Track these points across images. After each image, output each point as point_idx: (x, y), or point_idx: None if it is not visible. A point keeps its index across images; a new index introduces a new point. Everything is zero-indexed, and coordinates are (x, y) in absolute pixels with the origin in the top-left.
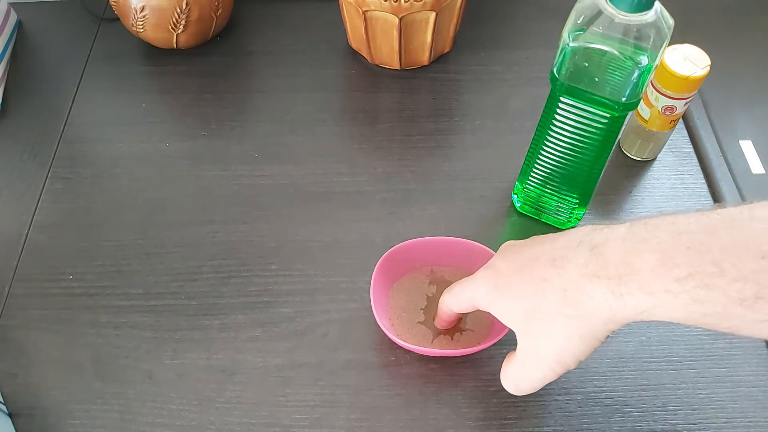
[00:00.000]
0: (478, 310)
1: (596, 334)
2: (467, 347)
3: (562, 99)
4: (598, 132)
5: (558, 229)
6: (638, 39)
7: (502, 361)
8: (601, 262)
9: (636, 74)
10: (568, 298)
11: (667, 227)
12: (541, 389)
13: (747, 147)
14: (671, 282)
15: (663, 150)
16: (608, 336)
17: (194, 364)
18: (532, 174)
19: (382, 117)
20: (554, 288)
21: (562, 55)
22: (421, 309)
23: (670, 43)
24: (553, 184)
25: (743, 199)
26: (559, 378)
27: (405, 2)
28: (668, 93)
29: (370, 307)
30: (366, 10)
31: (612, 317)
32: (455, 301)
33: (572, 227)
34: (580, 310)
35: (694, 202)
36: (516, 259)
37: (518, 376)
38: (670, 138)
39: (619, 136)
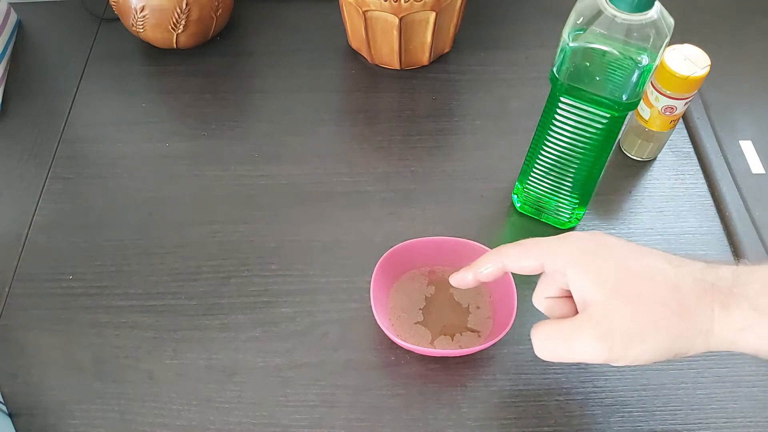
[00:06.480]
0: (481, 309)
1: (681, 342)
2: (467, 347)
3: (562, 99)
4: (598, 132)
5: (558, 230)
6: (638, 39)
7: (502, 361)
8: (714, 274)
9: (636, 74)
10: (679, 292)
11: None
12: (541, 389)
13: (747, 147)
14: None
15: (663, 150)
16: (685, 356)
17: (194, 364)
18: (532, 174)
19: (382, 117)
20: (666, 278)
21: (562, 55)
22: (420, 309)
23: (670, 43)
24: (553, 184)
25: (743, 199)
26: (559, 378)
27: (405, 2)
28: (668, 93)
29: (370, 307)
30: (366, 10)
31: (710, 330)
32: (523, 254)
33: (572, 227)
34: (684, 308)
35: (694, 202)
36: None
37: (564, 340)
38: (670, 138)
39: (619, 136)
